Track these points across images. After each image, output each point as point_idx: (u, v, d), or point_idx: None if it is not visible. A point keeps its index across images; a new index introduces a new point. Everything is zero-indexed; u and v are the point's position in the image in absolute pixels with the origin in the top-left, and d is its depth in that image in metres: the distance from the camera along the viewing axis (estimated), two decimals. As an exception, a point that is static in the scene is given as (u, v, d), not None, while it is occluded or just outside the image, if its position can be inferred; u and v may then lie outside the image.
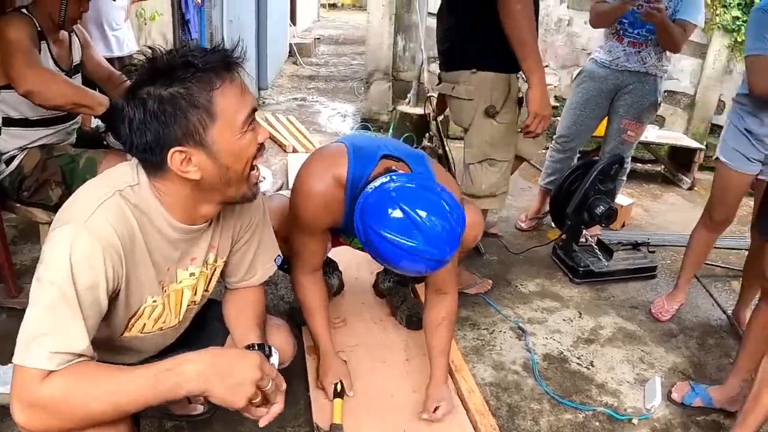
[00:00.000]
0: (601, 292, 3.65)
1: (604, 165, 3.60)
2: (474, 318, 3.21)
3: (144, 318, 1.64)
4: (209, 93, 1.39)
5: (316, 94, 8.37)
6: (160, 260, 1.58)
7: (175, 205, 1.52)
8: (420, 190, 1.86)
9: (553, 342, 3.10)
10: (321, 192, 2.15)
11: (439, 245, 1.80)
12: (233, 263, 1.88)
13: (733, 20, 6.35)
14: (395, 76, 6.47)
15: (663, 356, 3.09)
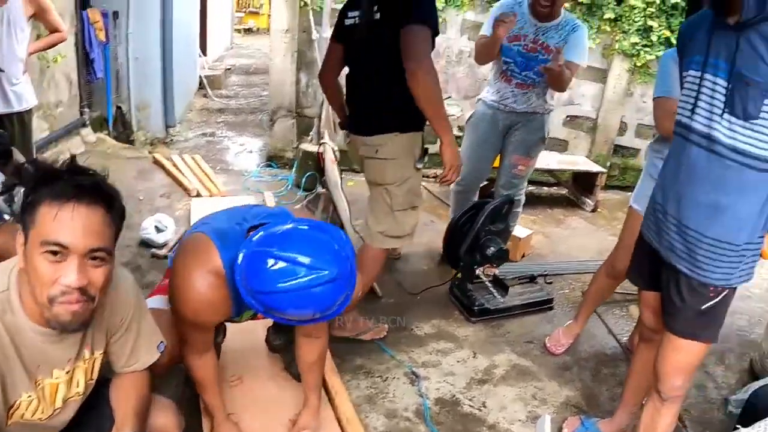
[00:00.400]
0: (497, 329, 3.72)
1: (494, 206, 3.70)
2: (368, 365, 3.23)
3: (21, 409, 1.67)
4: (40, 199, 1.47)
5: (225, 129, 8.33)
6: (30, 361, 1.61)
7: (29, 305, 1.55)
8: (282, 231, 1.92)
9: (446, 385, 3.15)
10: (203, 294, 2.09)
11: (330, 261, 1.83)
12: (113, 352, 1.90)
13: (632, 46, 6.64)
14: (299, 112, 6.48)
15: (556, 391, 3.17)
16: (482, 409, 3.00)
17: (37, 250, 1.45)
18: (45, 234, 1.44)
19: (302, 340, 2.52)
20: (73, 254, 1.46)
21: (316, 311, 1.89)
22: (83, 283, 1.48)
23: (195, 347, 2.32)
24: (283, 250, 1.82)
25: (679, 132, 2.14)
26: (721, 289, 2.09)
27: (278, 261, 1.81)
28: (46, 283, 1.47)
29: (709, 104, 1.98)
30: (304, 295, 1.81)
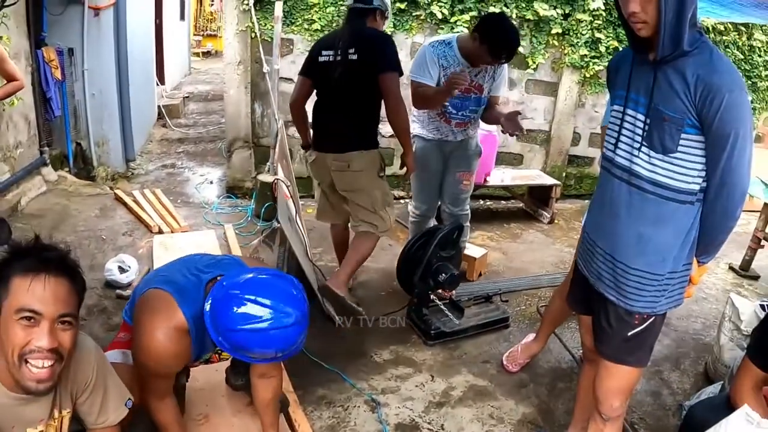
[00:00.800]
0: (453, 351, 3.82)
1: (444, 233, 3.82)
2: (330, 396, 3.30)
3: None
4: (12, 272, 1.67)
5: (185, 159, 8.37)
6: (4, 422, 1.76)
7: (4, 373, 1.71)
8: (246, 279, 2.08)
9: (405, 410, 3.24)
10: (168, 348, 2.21)
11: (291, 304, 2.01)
12: (83, 412, 2.04)
13: (581, 58, 6.87)
14: (255, 142, 6.54)
15: (513, 409, 3.28)
16: (440, 431, 3.09)
17: (11, 317, 1.64)
18: (19, 303, 1.64)
19: (257, 381, 2.64)
20: (45, 320, 1.66)
21: (278, 350, 2.05)
22: (54, 345, 1.67)
23: (157, 393, 2.42)
24: (249, 294, 1.99)
25: (604, 166, 2.26)
26: (646, 316, 2.20)
27: (244, 305, 1.98)
28: (18, 345, 1.65)
29: (630, 138, 2.11)
30: (269, 335, 1.98)
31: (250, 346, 2.02)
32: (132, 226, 5.44)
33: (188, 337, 2.25)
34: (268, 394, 2.65)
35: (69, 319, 1.73)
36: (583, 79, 6.97)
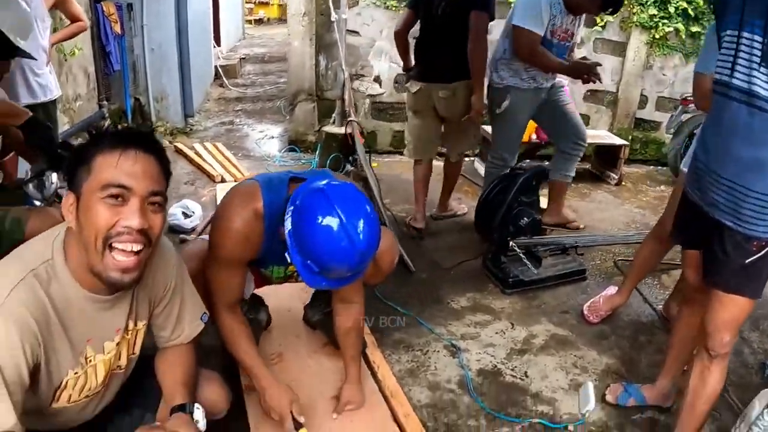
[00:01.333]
0: (532, 301, 3.71)
1: (525, 177, 3.68)
2: (407, 340, 3.24)
3: (69, 389, 1.65)
4: (96, 151, 1.49)
5: (243, 117, 8.32)
6: (77, 335, 1.60)
7: (81, 270, 1.54)
8: (330, 185, 2.00)
9: (486, 356, 3.15)
10: (241, 227, 2.20)
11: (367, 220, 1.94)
12: (158, 324, 1.90)
13: (650, 18, 6.56)
14: (319, 95, 6.46)
15: (596, 359, 3.16)
16: (524, 378, 2.99)
17: (96, 196, 1.46)
18: (106, 178, 1.46)
19: (339, 306, 2.58)
20: (135, 196, 1.48)
21: (350, 265, 1.96)
22: (144, 225, 1.50)
23: (225, 298, 2.34)
24: (331, 202, 1.91)
25: (719, 90, 2.12)
26: (765, 243, 2.07)
27: (327, 215, 1.90)
28: (103, 227, 1.47)
29: (748, 60, 1.97)
30: (341, 248, 1.90)
31: (325, 259, 1.94)
32: (194, 176, 5.41)
33: (261, 224, 2.22)
34: (348, 321, 2.57)
35: (159, 199, 1.55)
36: (652, 40, 6.69)
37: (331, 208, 1.90)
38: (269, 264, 2.48)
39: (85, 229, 1.48)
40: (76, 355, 1.62)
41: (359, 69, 6.45)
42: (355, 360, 2.62)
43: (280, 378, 2.50)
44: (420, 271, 4.00)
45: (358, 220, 1.91)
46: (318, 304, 2.97)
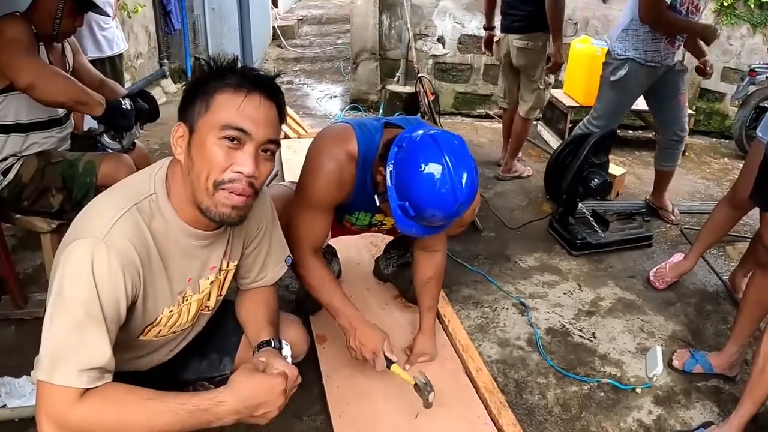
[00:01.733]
0: (599, 264, 3.68)
1: (597, 138, 3.63)
2: (476, 296, 3.25)
3: (160, 326, 1.66)
4: (217, 87, 1.45)
5: (302, 77, 8.33)
6: (176, 272, 1.61)
7: (183, 204, 1.53)
8: (436, 133, 1.99)
9: (555, 316, 3.14)
10: (335, 169, 2.20)
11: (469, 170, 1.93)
12: (245, 265, 1.90)
13: (718, -14, 6.34)
14: (382, 55, 6.44)
15: (662, 324, 3.13)
16: (592, 339, 2.98)
17: (213, 134, 1.43)
18: (227, 119, 1.43)
19: (420, 254, 2.55)
20: (251, 143, 1.46)
21: (447, 215, 1.95)
22: (256, 172, 1.48)
23: (310, 243, 2.33)
24: (433, 151, 1.90)
25: None
26: None
27: (434, 161, 1.89)
28: (216, 169, 1.44)
29: None
30: (441, 195, 1.89)
31: (424, 204, 1.93)
32: (256, 133, 5.42)
33: (354, 167, 2.22)
34: (429, 270, 2.54)
35: (273, 147, 1.52)
36: (720, 8, 6.49)
37: (439, 155, 1.89)
38: (355, 210, 2.48)
39: (197, 165, 1.46)
40: (174, 293, 1.63)
41: (422, 29, 6.38)
42: (431, 311, 2.60)
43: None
44: (488, 231, 4.01)
45: (463, 170, 1.90)
46: (392, 256, 2.98)
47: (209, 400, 1.40)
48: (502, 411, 2.35)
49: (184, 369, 1.98)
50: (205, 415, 1.39)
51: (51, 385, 1.29)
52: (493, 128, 6.28)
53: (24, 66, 2.41)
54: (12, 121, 2.60)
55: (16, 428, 2.30)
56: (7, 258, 2.78)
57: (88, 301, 1.33)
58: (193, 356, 1.98)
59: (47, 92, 2.46)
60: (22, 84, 2.41)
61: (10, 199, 2.69)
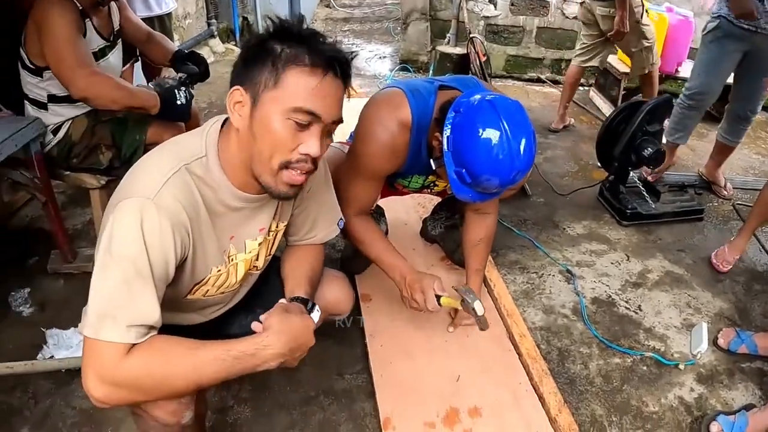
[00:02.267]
0: (648, 235, 3.61)
1: (651, 105, 3.52)
2: (523, 261, 3.22)
3: (208, 285, 1.66)
4: (288, 64, 1.36)
5: (351, 37, 8.27)
6: (225, 233, 1.59)
7: (236, 169, 1.49)
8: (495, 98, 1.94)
9: (601, 285, 3.10)
10: (388, 139, 2.16)
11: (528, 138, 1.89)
12: (294, 224, 1.89)
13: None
14: (433, 15, 6.35)
15: (709, 301, 3.06)
16: (638, 312, 2.93)
17: (281, 114, 1.37)
18: (300, 102, 1.36)
19: (472, 215, 2.54)
20: (319, 124, 1.41)
21: (503, 181, 1.92)
22: (321, 153, 1.45)
23: (359, 206, 2.32)
24: (493, 116, 1.86)
25: None
26: None
27: (491, 126, 1.85)
28: (282, 150, 1.40)
29: None
30: (499, 161, 1.86)
31: (481, 171, 1.90)
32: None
33: (408, 136, 2.17)
34: (480, 232, 2.53)
35: (336, 126, 1.48)
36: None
37: (498, 121, 1.85)
38: (409, 174, 2.43)
39: (259, 141, 1.41)
40: (221, 253, 1.62)
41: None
42: (478, 273, 2.58)
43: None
44: (537, 196, 3.96)
45: (521, 137, 1.86)
46: (440, 217, 2.95)
47: (256, 345, 1.42)
48: (543, 379, 2.33)
49: (228, 324, 1.98)
50: (252, 360, 1.41)
51: (97, 341, 1.29)
52: (544, 92, 6.19)
53: (73, 79, 2.41)
54: (63, 93, 2.59)
55: (63, 378, 2.36)
56: (57, 214, 2.82)
57: (137, 258, 1.32)
58: (238, 312, 1.97)
59: (99, 104, 2.52)
60: (75, 97, 2.47)
61: (59, 157, 2.72)
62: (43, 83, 2.58)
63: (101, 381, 1.29)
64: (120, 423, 2.19)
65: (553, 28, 6.31)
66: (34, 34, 2.45)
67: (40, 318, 2.67)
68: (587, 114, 5.61)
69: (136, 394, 1.35)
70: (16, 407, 2.26)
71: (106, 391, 1.30)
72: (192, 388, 1.39)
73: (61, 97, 2.61)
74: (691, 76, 4.01)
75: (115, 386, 1.30)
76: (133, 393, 1.34)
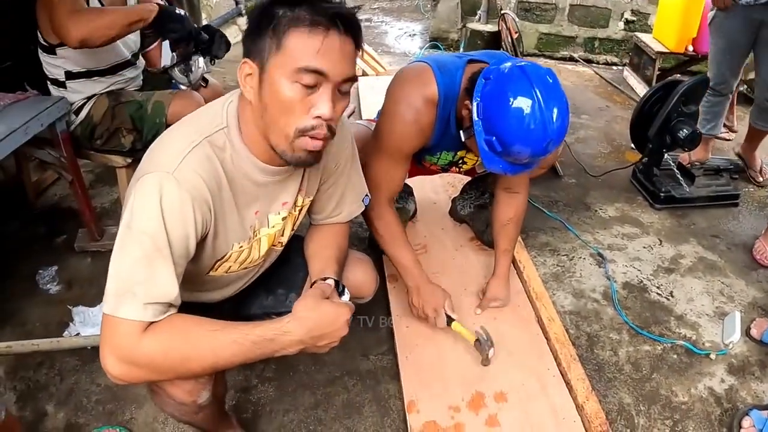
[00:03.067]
0: (681, 219, 3.53)
1: (688, 86, 3.42)
2: (554, 243, 3.17)
3: (230, 261, 1.63)
4: (289, 26, 1.31)
5: (381, 14, 8.20)
6: (247, 207, 1.56)
7: (256, 141, 1.46)
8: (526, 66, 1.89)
9: (632, 270, 3.04)
10: (413, 116, 2.13)
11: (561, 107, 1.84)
12: (320, 201, 1.85)
13: None
14: (464, -8, 6.27)
15: (743, 290, 2.98)
16: (670, 298, 2.87)
17: (287, 78, 1.32)
18: (304, 64, 1.31)
19: (501, 194, 2.50)
20: (328, 84, 1.34)
21: (534, 152, 1.88)
22: (335, 114, 1.38)
23: (386, 191, 2.29)
24: (524, 84, 1.82)
25: None
26: None
27: (519, 94, 1.82)
28: (294, 115, 1.35)
29: None
30: (531, 132, 1.82)
31: (512, 140, 1.86)
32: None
33: (435, 111, 2.14)
34: (509, 211, 2.50)
35: (349, 85, 1.40)
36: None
37: (530, 88, 1.80)
38: (437, 150, 2.39)
39: (271, 109, 1.37)
40: (245, 228, 1.59)
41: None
42: (507, 254, 2.56)
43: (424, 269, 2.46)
44: (568, 177, 3.90)
45: (554, 105, 1.82)
46: (469, 196, 2.91)
47: (275, 330, 1.38)
48: (571, 364, 2.30)
49: (249, 303, 1.97)
50: (270, 345, 1.38)
51: (115, 318, 1.28)
52: (577, 71, 6.09)
53: (65, 27, 2.32)
54: (80, 69, 2.60)
55: (89, 355, 2.38)
56: (84, 192, 2.82)
57: (156, 234, 1.31)
58: (259, 291, 1.97)
59: (98, 39, 2.38)
60: (73, 45, 2.36)
61: (83, 138, 2.73)
62: (57, 60, 2.58)
63: (118, 359, 1.28)
64: (144, 401, 2.21)
65: (587, 5, 6.18)
66: (42, 12, 2.45)
67: (67, 296, 2.70)
68: (621, 94, 5.50)
69: (152, 374, 1.34)
70: (42, 383, 2.29)
71: (123, 369, 1.29)
72: (209, 371, 1.38)
73: (77, 73, 2.62)
74: (709, 66, 3.88)
75: (131, 365, 1.29)
76: (149, 372, 1.32)
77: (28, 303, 2.65)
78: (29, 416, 2.17)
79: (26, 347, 2.33)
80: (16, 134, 2.30)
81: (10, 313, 2.59)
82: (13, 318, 2.57)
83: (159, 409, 1.75)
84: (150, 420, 2.15)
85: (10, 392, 2.25)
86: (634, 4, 6.00)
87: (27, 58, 2.69)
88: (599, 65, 6.18)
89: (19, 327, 2.53)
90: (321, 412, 2.19)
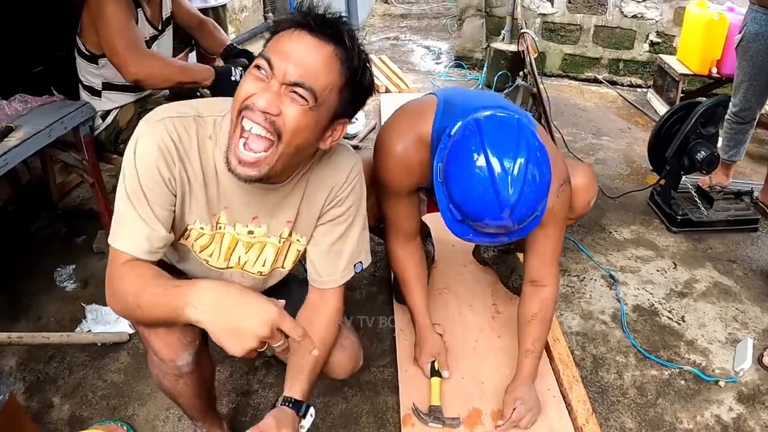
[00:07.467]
0: (698, 243, 3.49)
1: (707, 107, 3.40)
2: (565, 264, 3.16)
3: (192, 239, 1.60)
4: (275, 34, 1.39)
5: (408, 33, 8.25)
6: (217, 199, 1.55)
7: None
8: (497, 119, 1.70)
9: (644, 293, 3.01)
10: (401, 153, 2.00)
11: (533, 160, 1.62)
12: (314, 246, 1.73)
13: None
14: (488, 12, 6.26)
15: (758, 317, 2.93)
16: (681, 323, 2.84)
17: (252, 67, 1.37)
18: (264, 51, 1.36)
19: (527, 287, 2.20)
20: (274, 79, 1.31)
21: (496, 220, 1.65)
22: (271, 109, 1.30)
23: (399, 229, 2.25)
24: (482, 139, 1.63)
25: None
26: None
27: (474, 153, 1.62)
28: (241, 96, 1.34)
29: None
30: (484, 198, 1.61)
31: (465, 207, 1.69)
32: (359, 85, 5.43)
33: (425, 152, 1.97)
34: (534, 306, 2.17)
35: (304, 93, 1.30)
36: None
37: (479, 147, 1.61)
38: None
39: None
40: (209, 214, 1.56)
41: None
42: (530, 355, 2.17)
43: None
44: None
45: (512, 166, 1.58)
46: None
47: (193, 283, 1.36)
48: (573, 386, 2.29)
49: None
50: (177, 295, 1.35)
51: (112, 248, 1.45)
52: (600, 93, 6.06)
53: (125, 64, 2.48)
54: (118, 81, 2.67)
55: (98, 352, 2.49)
56: (104, 195, 2.90)
57: (131, 178, 1.43)
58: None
59: (153, 85, 2.64)
60: (128, 80, 2.54)
61: (108, 142, 2.82)
62: (99, 70, 2.68)
63: (107, 284, 1.45)
64: (147, 399, 2.28)
65: (611, 27, 6.15)
66: (89, 24, 2.55)
67: (82, 294, 2.82)
68: (643, 116, 5.46)
69: (119, 303, 1.45)
70: (52, 376, 2.40)
71: (109, 294, 1.46)
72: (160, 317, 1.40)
73: (117, 85, 2.71)
74: (734, 92, 3.82)
75: (112, 292, 1.45)
76: (121, 304, 1.44)
77: (45, 298, 2.79)
78: (35, 406, 2.26)
79: (37, 339, 2.44)
80: (40, 136, 2.42)
81: (27, 307, 2.73)
82: (30, 311, 2.71)
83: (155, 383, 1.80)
84: (151, 417, 2.22)
85: (20, 382, 2.36)
86: (659, 25, 5.95)
87: (56, 64, 2.82)
88: (623, 87, 6.15)
89: (34, 320, 2.67)
90: (318, 421, 2.19)
